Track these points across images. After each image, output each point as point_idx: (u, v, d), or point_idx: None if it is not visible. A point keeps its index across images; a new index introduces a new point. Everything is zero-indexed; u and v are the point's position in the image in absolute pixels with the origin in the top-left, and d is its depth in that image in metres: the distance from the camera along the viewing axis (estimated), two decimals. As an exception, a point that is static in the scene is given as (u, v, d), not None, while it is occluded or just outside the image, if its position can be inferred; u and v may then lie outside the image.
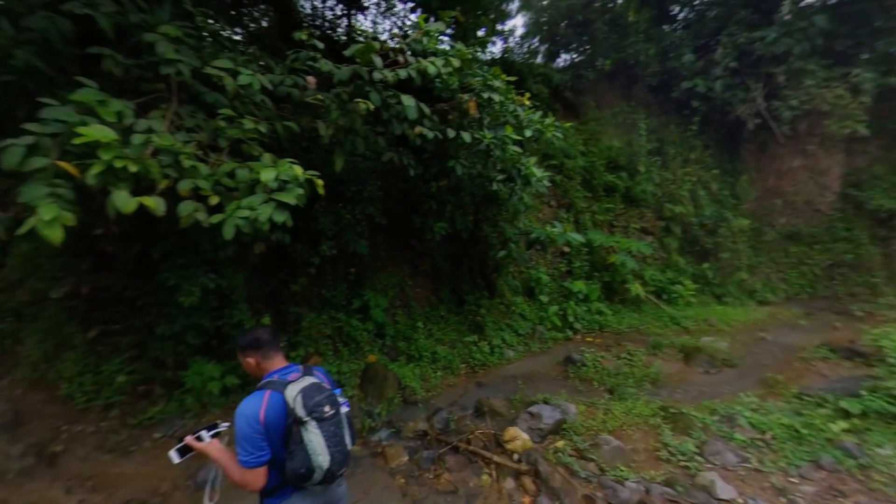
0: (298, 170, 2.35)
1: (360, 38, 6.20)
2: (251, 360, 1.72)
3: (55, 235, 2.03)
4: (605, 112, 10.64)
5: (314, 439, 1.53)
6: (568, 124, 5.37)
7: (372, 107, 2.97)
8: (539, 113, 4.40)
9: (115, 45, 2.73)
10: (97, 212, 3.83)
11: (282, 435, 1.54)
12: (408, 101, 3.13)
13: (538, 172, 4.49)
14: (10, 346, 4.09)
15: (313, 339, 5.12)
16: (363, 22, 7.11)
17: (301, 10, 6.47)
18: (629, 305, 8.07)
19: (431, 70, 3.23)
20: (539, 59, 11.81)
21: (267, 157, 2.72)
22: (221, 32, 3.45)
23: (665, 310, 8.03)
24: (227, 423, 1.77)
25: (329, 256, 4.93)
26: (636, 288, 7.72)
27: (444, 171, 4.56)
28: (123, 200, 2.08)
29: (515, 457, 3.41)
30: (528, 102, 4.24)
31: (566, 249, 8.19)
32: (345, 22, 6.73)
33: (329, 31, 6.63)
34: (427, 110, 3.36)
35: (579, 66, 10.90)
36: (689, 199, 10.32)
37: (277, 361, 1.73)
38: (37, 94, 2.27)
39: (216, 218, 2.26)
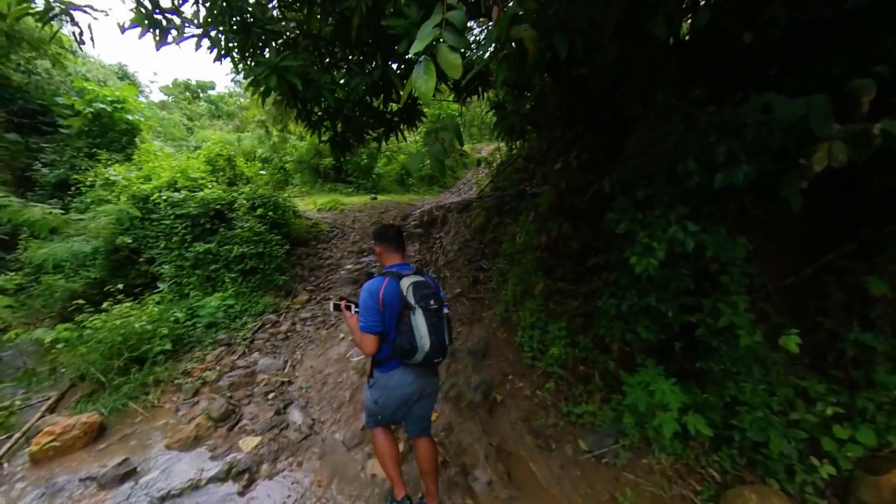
0: None
1: None
2: (377, 249, 2.15)
3: (427, 90, 1.18)
4: None
5: (420, 324, 1.86)
6: None
7: None
8: None
9: None
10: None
11: (395, 315, 1.90)
12: None
13: None
14: (501, 283, 4.60)
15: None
16: None
17: None
18: None
19: None
20: None
21: None
22: None
23: None
24: None
25: None
26: None
27: None
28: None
29: None
30: None
31: None
32: None
33: None
34: None
35: None
36: None
37: (396, 258, 2.11)
38: None
39: None
